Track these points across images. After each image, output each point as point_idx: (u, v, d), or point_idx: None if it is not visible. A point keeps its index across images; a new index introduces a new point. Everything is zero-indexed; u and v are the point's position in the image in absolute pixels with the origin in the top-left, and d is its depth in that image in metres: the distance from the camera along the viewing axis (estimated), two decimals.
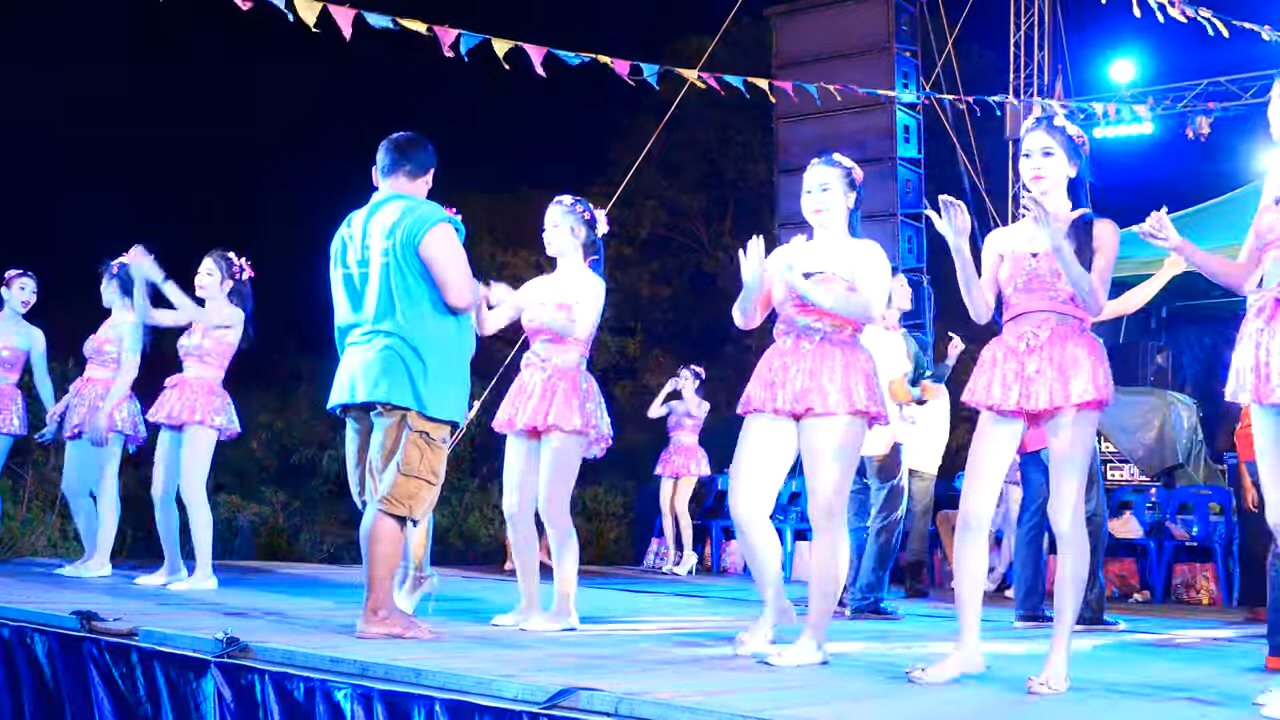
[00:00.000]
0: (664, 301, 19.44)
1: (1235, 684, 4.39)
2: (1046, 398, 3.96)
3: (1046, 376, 3.97)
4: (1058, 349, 3.99)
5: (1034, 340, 4.02)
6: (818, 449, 4.45)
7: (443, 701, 3.52)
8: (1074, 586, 4.01)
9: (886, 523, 6.72)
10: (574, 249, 5.49)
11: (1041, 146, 4.12)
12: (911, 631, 6.12)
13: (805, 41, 13.16)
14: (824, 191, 4.66)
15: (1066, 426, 3.98)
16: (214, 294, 6.83)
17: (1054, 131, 4.13)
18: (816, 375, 4.44)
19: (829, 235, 4.68)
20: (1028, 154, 4.15)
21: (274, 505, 12.23)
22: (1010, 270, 4.14)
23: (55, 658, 4.63)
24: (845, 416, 4.43)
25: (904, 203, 12.68)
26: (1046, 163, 4.12)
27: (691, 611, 6.87)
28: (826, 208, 4.66)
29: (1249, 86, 12.97)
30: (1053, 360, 3.98)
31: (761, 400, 4.53)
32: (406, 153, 4.88)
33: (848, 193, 4.69)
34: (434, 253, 4.66)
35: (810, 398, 4.43)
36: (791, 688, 3.85)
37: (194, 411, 6.67)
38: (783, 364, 4.52)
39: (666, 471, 10.59)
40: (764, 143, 16.47)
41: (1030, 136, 4.16)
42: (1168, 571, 9.56)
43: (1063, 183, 4.14)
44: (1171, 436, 11.19)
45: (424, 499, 4.69)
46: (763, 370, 4.59)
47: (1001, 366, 4.06)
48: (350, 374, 4.75)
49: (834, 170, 4.69)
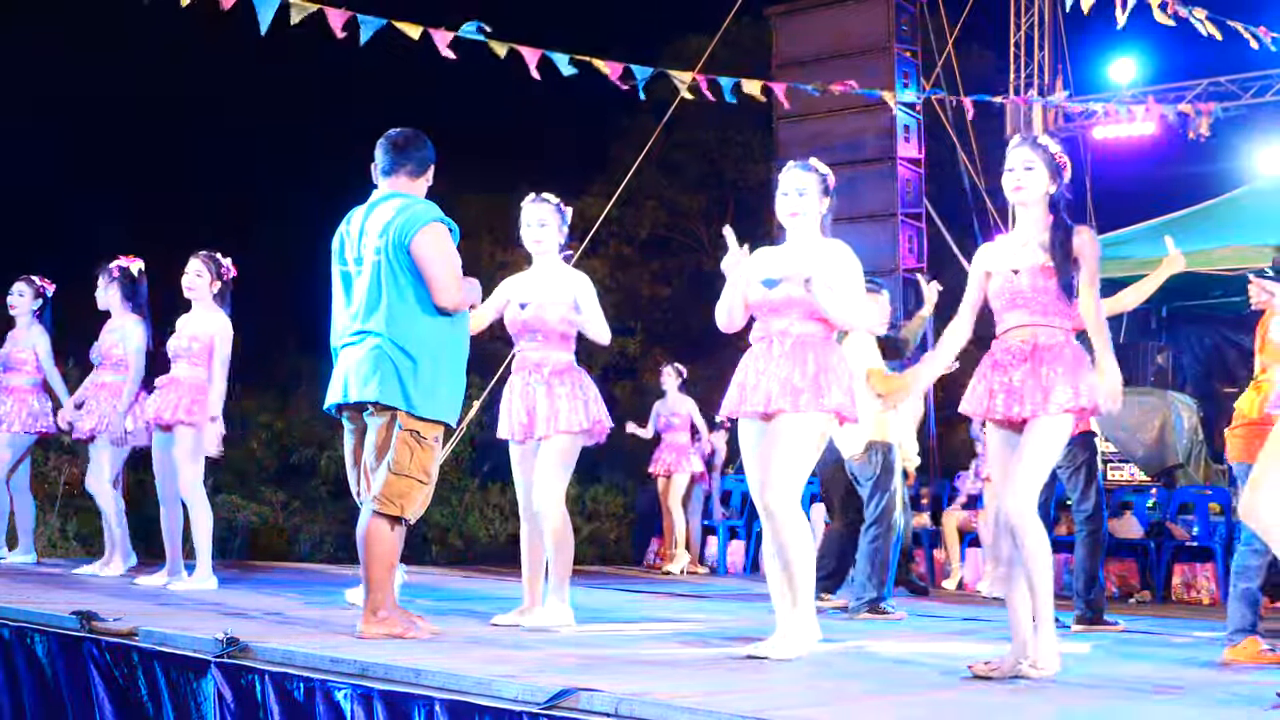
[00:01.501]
0: (664, 301, 19.42)
1: (1235, 683, 4.39)
2: (1030, 407, 4.17)
3: (1029, 387, 4.18)
4: (1041, 361, 4.20)
5: (1020, 353, 4.24)
6: (776, 440, 4.55)
7: (443, 701, 3.52)
8: (1034, 567, 4.14)
9: (882, 529, 6.72)
10: (556, 246, 5.53)
11: (1023, 161, 4.36)
12: (912, 631, 6.12)
13: (805, 41, 13.16)
14: (801, 196, 4.78)
15: (1041, 423, 4.17)
16: (203, 295, 6.82)
17: (1037, 149, 4.37)
18: (787, 378, 4.56)
19: (802, 238, 4.78)
20: (1011, 168, 4.38)
21: (274, 505, 12.22)
22: (997, 286, 4.35)
23: (55, 658, 4.63)
24: (813, 414, 4.54)
25: (904, 203, 12.68)
26: (1027, 176, 4.35)
27: (691, 611, 6.87)
28: (803, 211, 4.77)
29: (1249, 86, 12.97)
30: (1035, 372, 4.19)
31: (734, 404, 4.71)
32: (405, 151, 4.88)
33: (822, 198, 4.80)
34: (424, 252, 4.66)
35: (781, 398, 4.54)
36: (791, 688, 3.85)
37: (180, 410, 6.67)
38: (756, 367, 4.67)
39: (658, 470, 10.58)
40: (764, 143, 16.46)
41: (1014, 152, 4.40)
42: (1168, 571, 9.55)
43: (1043, 197, 4.34)
44: (1171, 436, 11.18)
45: (415, 498, 4.69)
46: (738, 374, 4.74)
47: (989, 379, 4.29)
48: (344, 374, 4.76)
49: (811, 175, 4.81)
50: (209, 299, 6.82)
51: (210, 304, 6.82)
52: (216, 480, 11.24)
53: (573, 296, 5.41)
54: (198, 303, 6.83)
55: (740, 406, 4.68)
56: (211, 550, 6.77)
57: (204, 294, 6.82)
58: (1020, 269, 4.28)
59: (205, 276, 6.82)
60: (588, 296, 5.43)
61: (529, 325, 5.41)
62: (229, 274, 6.89)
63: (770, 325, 4.69)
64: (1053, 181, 4.33)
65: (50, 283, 7.84)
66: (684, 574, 10.47)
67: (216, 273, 6.84)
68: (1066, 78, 14.06)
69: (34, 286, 7.76)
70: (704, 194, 20.39)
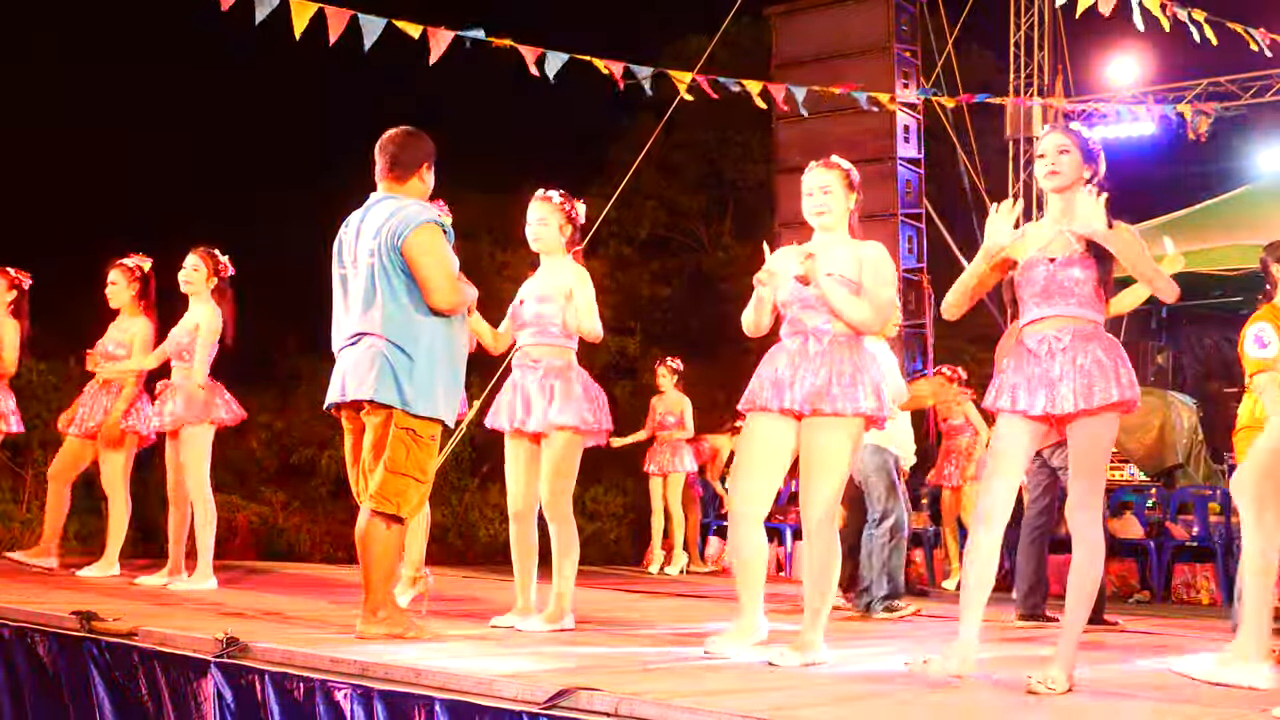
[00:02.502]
0: (664, 301, 19.40)
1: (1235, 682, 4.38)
2: (1072, 401, 3.98)
3: (1071, 380, 3.99)
4: (1079, 352, 4.02)
5: (1055, 344, 4.06)
6: (819, 451, 4.47)
7: (442, 701, 3.52)
8: (1084, 588, 4.00)
9: (888, 526, 6.71)
10: (559, 245, 5.49)
11: (1057, 146, 4.17)
12: (912, 632, 6.12)
13: (805, 41, 13.15)
14: (825, 194, 4.68)
15: (1088, 428, 4.01)
16: (199, 290, 6.81)
17: (1070, 133, 4.19)
18: (825, 377, 4.47)
19: (831, 237, 4.69)
20: (1043, 154, 4.20)
21: (274, 505, 12.23)
22: (1029, 275, 4.15)
23: (55, 658, 4.63)
24: (849, 419, 4.46)
25: (904, 203, 12.67)
26: (1063, 160, 4.16)
27: (692, 611, 6.87)
28: (829, 209, 4.67)
29: (1249, 86, 12.98)
30: (1075, 363, 4.01)
31: (767, 399, 4.55)
32: (390, 153, 4.88)
33: (848, 194, 4.70)
34: (416, 253, 4.66)
35: (818, 400, 4.45)
36: (791, 688, 3.85)
37: (182, 414, 6.67)
38: (790, 363, 4.54)
39: (654, 469, 10.53)
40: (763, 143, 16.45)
41: (1047, 139, 4.22)
42: (1168, 571, 9.55)
43: (1078, 182, 4.16)
44: (1171, 436, 11.18)
45: (411, 497, 4.69)
46: (768, 369, 4.60)
47: (1025, 371, 4.09)
48: (342, 373, 4.77)
49: (833, 172, 4.71)
50: (206, 295, 6.81)
51: (207, 300, 6.81)
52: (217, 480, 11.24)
53: (569, 291, 5.39)
54: (194, 299, 6.82)
55: (772, 402, 4.52)
56: (213, 551, 6.78)
57: (200, 289, 6.80)
58: (1057, 259, 4.11)
59: (201, 271, 6.81)
60: (582, 291, 5.39)
61: (527, 321, 5.42)
62: (226, 270, 6.87)
63: (806, 322, 4.58)
64: (1088, 166, 4.17)
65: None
66: (683, 574, 10.45)
67: (214, 269, 6.83)
68: (1066, 78, 14.06)
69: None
70: (703, 194, 20.39)
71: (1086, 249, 4.09)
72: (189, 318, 6.80)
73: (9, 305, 7.52)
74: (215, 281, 6.83)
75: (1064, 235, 4.14)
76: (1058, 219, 4.20)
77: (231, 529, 11.29)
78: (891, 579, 6.69)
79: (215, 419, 6.77)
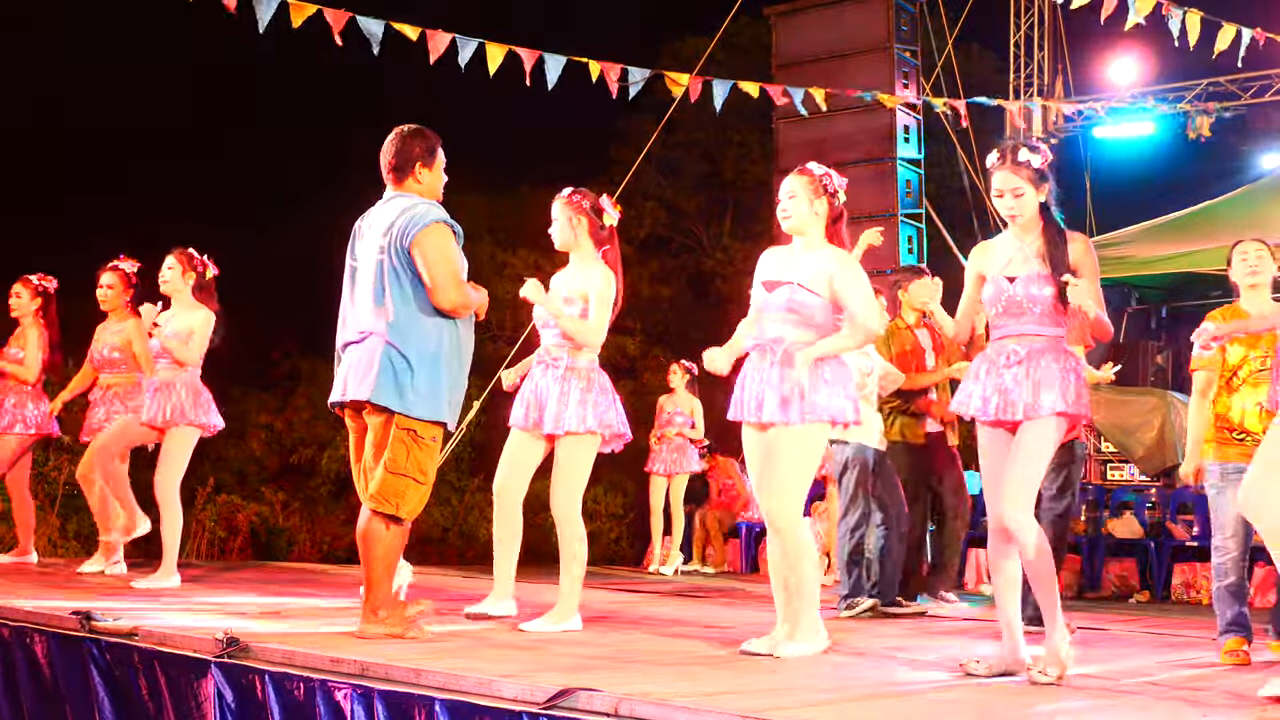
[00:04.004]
0: (664, 301, 19.40)
1: (1235, 683, 4.40)
2: (1021, 409, 4.21)
3: (1023, 389, 4.22)
4: (1034, 364, 4.24)
5: (1013, 357, 4.27)
6: (773, 452, 4.62)
7: (442, 701, 3.53)
8: (1040, 576, 4.23)
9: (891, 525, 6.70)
10: (576, 241, 5.49)
11: (1011, 187, 4.32)
12: (913, 631, 6.11)
13: (805, 41, 13.14)
14: (790, 199, 4.77)
15: (1030, 431, 4.21)
16: (178, 289, 6.80)
17: (1019, 168, 4.31)
18: (778, 387, 4.58)
19: (804, 241, 4.78)
20: (999, 193, 4.36)
21: (274, 505, 12.23)
22: (992, 293, 4.36)
23: (55, 658, 4.63)
24: (807, 425, 4.57)
25: (904, 203, 12.67)
26: (1019, 202, 4.33)
27: (692, 611, 6.87)
28: (790, 214, 4.77)
29: (1249, 86, 12.96)
30: (1029, 374, 4.23)
31: (736, 410, 4.75)
32: (386, 155, 4.89)
33: (814, 199, 4.74)
34: (422, 252, 4.66)
35: (771, 412, 4.58)
36: (792, 688, 3.85)
37: (174, 414, 6.67)
38: (753, 377, 4.69)
39: (658, 469, 10.52)
40: (763, 143, 16.46)
41: (997, 176, 4.35)
42: (1168, 571, 9.54)
43: (1036, 210, 4.33)
44: (1171, 436, 11.15)
45: (411, 497, 4.68)
46: (740, 380, 4.77)
47: (984, 380, 4.33)
48: (345, 372, 4.77)
49: (801, 178, 4.79)
50: (188, 296, 6.79)
51: (190, 301, 6.79)
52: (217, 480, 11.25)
53: (581, 296, 5.39)
54: (176, 300, 6.81)
55: (741, 413, 4.72)
56: (178, 550, 6.73)
57: (180, 289, 6.79)
58: (1016, 277, 4.29)
59: (177, 269, 6.78)
60: (596, 293, 5.38)
61: (545, 320, 5.42)
62: (204, 268, 6.83)
63: (765, 331, 4.70)
64: (1041, 191, 4.32)
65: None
66: (678, 574, 10.43)
67: (191, 266, 6.80)
68: (1066, 78, 14.05)
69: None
70: (703, 194, 20.40)
71: (1045, 267, 4.26)
72: (178, 320, 6.77)
73: (36, 311, 7.57)
74: (194, 278, 6.80)
75: (1023, 254, 4.32)
76: (1019, 235, 4.36)
77: (231, 529, 11.29)
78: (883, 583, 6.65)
79: (211, 424, 6.77)
